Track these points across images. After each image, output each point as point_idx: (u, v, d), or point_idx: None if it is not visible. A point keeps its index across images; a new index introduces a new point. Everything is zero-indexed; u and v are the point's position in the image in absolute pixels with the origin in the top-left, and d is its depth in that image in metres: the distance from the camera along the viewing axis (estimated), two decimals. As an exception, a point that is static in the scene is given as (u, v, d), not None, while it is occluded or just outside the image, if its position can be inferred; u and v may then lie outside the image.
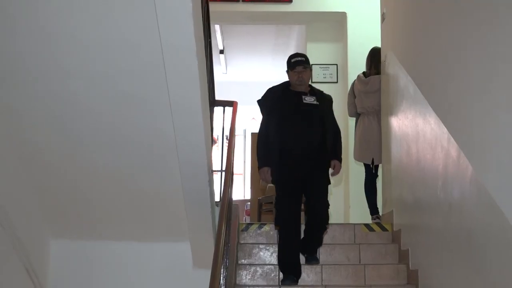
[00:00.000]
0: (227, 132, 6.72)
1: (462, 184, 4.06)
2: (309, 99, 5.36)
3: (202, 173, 5.04)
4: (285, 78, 5.53)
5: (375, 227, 6.33)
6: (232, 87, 11.56)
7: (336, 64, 9.33)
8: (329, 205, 5.34)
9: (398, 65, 5.88)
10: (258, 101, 5.54)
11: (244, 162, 12.14)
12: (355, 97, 6.93)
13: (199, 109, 4.44)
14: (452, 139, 4.22)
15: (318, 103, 5.38)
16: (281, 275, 5.22)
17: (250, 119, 13.15)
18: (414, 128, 5.33)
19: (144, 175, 5.21)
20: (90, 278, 6.13)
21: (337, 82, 9.25)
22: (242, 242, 5.92)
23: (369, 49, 7.10)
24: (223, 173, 5.97)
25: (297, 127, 5.25)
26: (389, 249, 5.76)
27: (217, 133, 6.97)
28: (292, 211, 5.20)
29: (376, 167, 6.82)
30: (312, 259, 5.35)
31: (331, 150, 5.35)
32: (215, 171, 6.14)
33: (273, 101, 5.41)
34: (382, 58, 6.66)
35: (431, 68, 4.94)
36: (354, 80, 7.04)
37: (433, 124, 4.71)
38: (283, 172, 5.22)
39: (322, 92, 5.63)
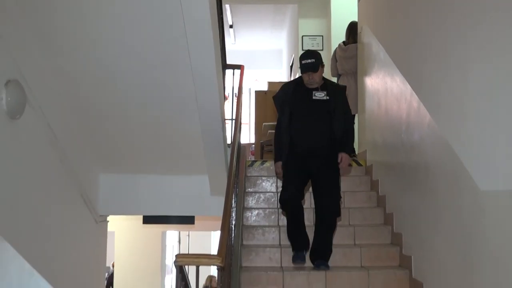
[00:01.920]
0: (236, 90, 6.70)
1: (421, 128, 4.06)
2: (319, 95, 4.41)
3: (217, 121, 5.03)
4: (281, 46, 5.26)
5: (352, 163, 6.35)
6: (239, 54, 11.53)
7: (322, 35, 9.41)
8: (340, 197, 4.39)
9: (371, 35, 5.85)
10: (273, 97, 4.68)
11: (249, 114, 12.14)
12: (336, 61, 6.99)
13: (214, 71, 4.41)
14: (414, 94, 4.21)
15: (328, 98, 4.41)
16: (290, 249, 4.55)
17: (254, 80, 13.19)
18: (383, 85, 5.30)
19: (172, 124, 5.19)
20: (131, 204, 6.18)
21: (322, 49, 9.33)
22: (248, 175, 5.94)
23: (348, 23, 7.05)
24: (233, 122, 5.99)
25: (305, 123, 4.42)
26: (363, 180, 5.79)
27: (228, 91, 6.94)
28: (292, 193, 4.36)
29: (353, 116, 6.83)
30: (322, 264, 4.34)
31: (340, 142, 4.44)
32: (227, 119, 6.15)
33: (285, 98, 4.52)
34: (359, 30, 6.63)
35: (397, 38, 4.91)
36: (336, 48, 7.10)
37: (398, 82, 4.70)
38: (290, 165, 4.45)
39: (334, 84, 4.76)
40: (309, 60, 4.33)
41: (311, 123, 4.42)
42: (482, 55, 2.95)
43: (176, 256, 3.18)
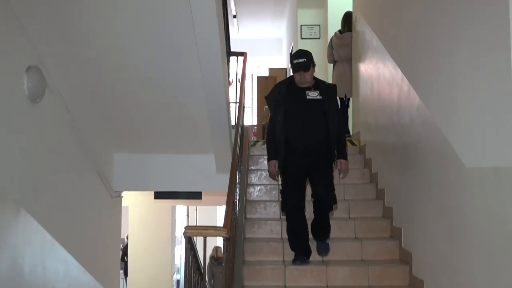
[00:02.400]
0: (239, 76, 6.69)
1: (411, 111, 4.05)
2: (313, 94, 4.14)
3: (222, 105, 5.01)
4: (281, 35, 5.18)
5: (347, 142, 6.35)
6: (242, 43, 11.47)
7: (319, 25, 9.34)
8: (333, 189, 4.18)
9: (365, 24, 5.80)
10: (266, 97, 4.38)
11: (252, 98, 12.11)
12: (333, 48, 6.95)
13: (219, 58, 4.39)
14: (404, 78, 4.19)
15: (321, 97, 4.15)
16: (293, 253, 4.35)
17: (256, 67, 13.14)
18: (376, 71, 5.28)
19: (181, 108, 5.18)
20: (143, 180, 6.20)
21: (319, 38, 9.30)
22: (251, 154, 5.94)
23: (344, 13, 7.01)
24: (237, 105, 5.98)
25: (301, 122, 4.11)
26: (356, 158, 5.78)
27: (232, 77, 6.94)
28: (295, 200, 4.17)
29: (348, 99, 6.83)
30: (323, 248, 4.27)
31: (335, 144, 4.17)
32: (231, 103, 6.14)
33: (278, 97, 4.20)
34: (353, 19, 6.58)
35: (389, 27, 4.87)
36: (332, 36, 7.04)
37: (390, 68, 4.67)
38: (288, 164, 4.16)
39: (325, 84, 4.35)
40: (301, 60, 4.08)
41: (307, 122, 4.12)
42: (469, 41, 2.93)
43: (185, 228, 3.20)
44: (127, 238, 10.72)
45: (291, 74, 4.23)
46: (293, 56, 4.13)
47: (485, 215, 2.70)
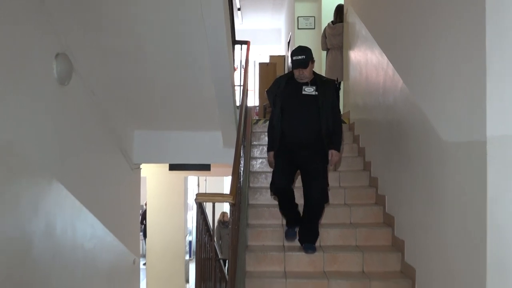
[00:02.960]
0: (243, 62, 6.65)
1: (395, 92, 4.03)
2: (309, 90, 3.81)
3: (228, 87, 4.99)
4: (280, 26, 5.09)
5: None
6: (246, 32, 11.36)
7: (314, 16, 9.24)
8: (327, 185, 3.82)
9: (355, 16, 5.74)
10: (267, 91, 4.11)
11: (254, 82, 12.02)
12: (326, 37, 6.88)
13: (226, 46, 4.35)
14: (390, 64, 4.16)
15: (317, 93, 3.80)
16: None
17: (258, 54, 13.04)
18: (364, 57, 5.24)
19: (192, 90, 5.15)
20: (159, 154, 6.22)
21: (314, 28, 9.21)
22: (254, 131, 5.94)
23: (336, 5, 6.93)
24: (241, 88, 5.96)
25: (295, 117, 3.82)
26: (347, 134, 5.77)
27: (236, 63, 6.89)
28: (282, 183, 3.82)
29: (339, 83, 6.78)
30: (310, 248, 3.92)
31: (329, 139, 3.81)
32: (236, 86, 6.11)
33: (277, 91, 3.92)
34: (345, 11, 6.52)
35: (377, 18, 4.82)
36: (325, 26, 6.96)
37: (377, 54, 4.64)
38: (281, 155, 3.88)
39: (323, 79, 3.97)
40: (300, 57, 3.75)
41: (301, 117, 3.81)
42: (446, 30, 2.90)
43: (196, 195, 3.22)
44: (145, 204, 10.78)
45: (290, 62, 4.01)
46: (293, 53, 3.82)
47: (458, 182, 2.71)
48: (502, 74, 2.13)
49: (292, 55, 3.82)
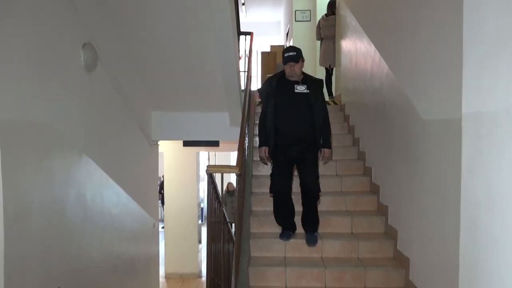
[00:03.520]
0: (247, 51, 6.60)
1: (381, 77, 3.99)
2: (301, 88, 3.60)
3: (234, 73, 4.96)
4: (279, 18, 5.03)
5: (331, 103, 6.32)
6: (249, 25, 11.26)
7: (310, 10, 9.13)
8: (318, 176, 3.63)
9: (346, 9, 5.66)
10: (258, 90, 3.86)
11: (257, 68, 11.94)
12: (320, 28, 6.82)
13: (231, 35, 4.31)
14: (377, 52, 4.12)
15: (308, 91, 3.61)
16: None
17: (260, 44, 12.92)
18: (354, 46, 5.18)
19: (203, 76, 5.12)
20: (174, 132, 6.21)
21: (310, 20, 9.11)
22: (256, 111, 5.92)
23: (328, 0, 6.84)
24: (245, 74, 5.92)
25: (289, 114, 3.58)
26: (338, 114, 5.76)
27: (241, 52, 6.83)
28: (282, 185, 3.66)
29: (332, 69, 6.74)
30: (312, 239, 3.67)
31: (320, 138, 3.63)
32: (241, 72, 6.07)
33: (269, 90, 3.66)
34: (337, 5, 6.43)
35: (365, 11, 4.75)
36: (320, 19, 6.89)
37: (365, 43, 4.58)
38: (277, 153, 3.65)
39: (312, 79, 3.74)
40: (291, 53, 3.55)
41: (295, 114, 3.58)
42: (427, 20, 2.86)
43: (207, 166, 3.23)
44: (162, 176, 10.82)
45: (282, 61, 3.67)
46: (284, 51, 3.61)
47: (436, 155, 2.71)
48: (478, 60, 2.10)
49: (283, 53, 3.60)
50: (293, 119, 3.58)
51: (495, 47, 1.93)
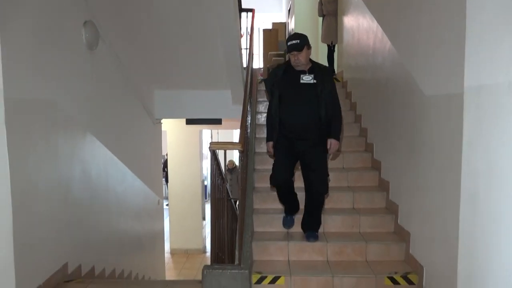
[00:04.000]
0: (249, 29, 6.53)
1: (383, 53, 3.96)
2: (307, 78, 3.27)
3: (235, 50, 4.92)
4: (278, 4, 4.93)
5: (333, 80, 6.30)
6: (251, 1, 11.10)
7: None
8: (327, 175, 3.36)
9: (348, -16, 5.56)
10: (264, 80, 3.59)
11: (259, 46, 11.84)
12: (322, 4, 6.74)
13: (233, 12, 4.26)
14: (379, 27, 4.06)
15: (315, 81, 3.27)
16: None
17: (262, 22, 12.75)
18: (357, 22, 5.11)
19: (205, 53, 5.08)
20: (177, 110, 6.20)
21: (312, -3, 8.92)
22: (259, 89, 5.90)
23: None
24: (247, 51, 5.87)
25: (294, 106, 3.29)
26: (340, 91, 5.68)
27: (243, 30, 6.75)
28: (282, 176, 3.39)
29: (334, 46, 6.67)
30: (312, 236, 3.48)
31: (328, 128, 3.30)
32: (243, 49, 6.02)
33: (275, 81, 3.37)
34: (339, -20, 6.31)
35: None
36: (322, -5, 6.77)
37: (368, 19, 4.52)
38: (280, 144, 3.39)
39: (321, 67, 3.39)
40: (294, 41, 3.22)
41: (300, 106, 3.29)
42: (431, -5, 2.81)
43: (210, 143, 3.24)
44: (166, 155, 10.88)
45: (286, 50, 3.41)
46: (288, 38, 3.29)
47: (438, 130, 2.70)
48: (480, 34, 2.08)
49: (287, 41, 3.29)
50: (297, 111, 3.29)
51: (498, 20, 1.90)
